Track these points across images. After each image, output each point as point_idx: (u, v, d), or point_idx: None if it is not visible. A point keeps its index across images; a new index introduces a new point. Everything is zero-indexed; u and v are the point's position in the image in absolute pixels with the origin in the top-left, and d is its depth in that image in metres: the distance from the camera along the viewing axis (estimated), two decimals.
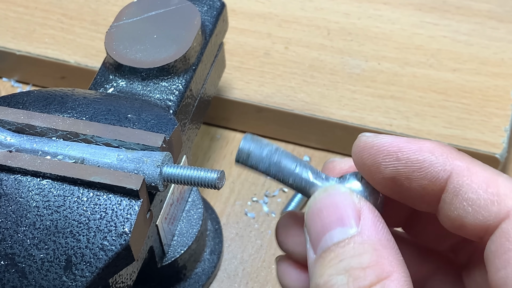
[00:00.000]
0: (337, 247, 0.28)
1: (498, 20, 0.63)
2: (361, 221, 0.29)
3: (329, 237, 0.29)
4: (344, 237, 0.28)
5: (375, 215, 0.29)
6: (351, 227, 0.29)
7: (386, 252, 0.28)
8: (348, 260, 0.28)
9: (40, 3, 0.65)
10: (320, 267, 0.29)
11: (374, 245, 0.28)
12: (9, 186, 0.36)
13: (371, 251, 0.28)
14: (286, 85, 0.59)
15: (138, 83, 0.45)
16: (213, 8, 0.50)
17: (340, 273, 0.28)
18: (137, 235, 0.35)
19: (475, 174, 0.29)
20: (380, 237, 0.28)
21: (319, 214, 0.30)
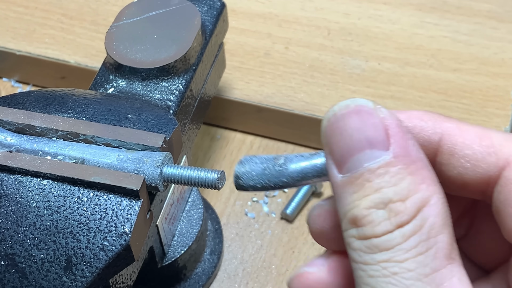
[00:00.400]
0: (370, 173, 0.27)
1: (498, 20, 0.63)
2: (392, 141, 0.27)
3: (358, 160, 0.27)
4: (376, 161, 0.27)
5: (404, 131, 0.27)
6: (382, 149, 0.27)
7: (421, 174, 0.27)
8: (386, 191, 0.26)
9: (40, 3, 0.65)
10: (352, 194, 0.27)
11: (409, 168, 0.27)
12: (9, 186, 0.36)
13: (408, 178, 0.27)
14: (286, 85, 0.59)
15: (138, 83, 0.45)
16: (213, 8, 0.50)
17: (380, 207, 0.26)
18: (137, 235, 0.35)
19: (466, 132, 0.29)
20: (413, 158, 0.27)
21: (342, 132, 0.28)
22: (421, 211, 0.26)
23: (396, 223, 0.26)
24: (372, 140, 0.27)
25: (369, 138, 0.27)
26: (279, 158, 0.32)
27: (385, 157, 0.27)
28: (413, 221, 0.26)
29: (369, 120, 0.27)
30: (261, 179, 0.32)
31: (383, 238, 0.26)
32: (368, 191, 0.27)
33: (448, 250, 0.26)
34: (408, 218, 0.26)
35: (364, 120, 0.28)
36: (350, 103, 0.28)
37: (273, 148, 0.60)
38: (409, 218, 0.26)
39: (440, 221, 0.26)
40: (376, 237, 0.26)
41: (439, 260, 0.26)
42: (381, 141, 0.27)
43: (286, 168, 0.32)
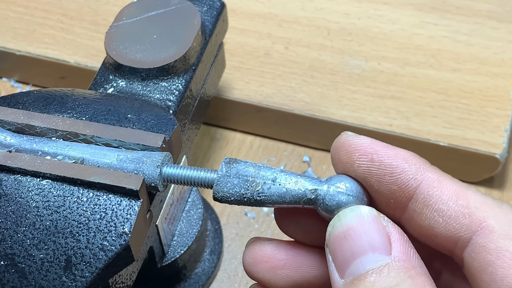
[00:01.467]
0: (372, 275, 0.28)
1: (498, 20, 0.63)
2: (393, 246, 0.28)
3: (361, 263, 0.28)
4: (378, 264, 0.28)
5: (404, 240, 0.29)
6: (384, 253, 0.28)
7: (421, 280, 0.28)
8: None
9: (40, 3, 0.65)
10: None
11: (409, 272, 0.28)
12: (9, 186, 0.36)
13: (407, 280, 0.27)
14: (286, 85, 0.59)
15: (138, 83, 0.45)
16: (213, 8, 0.50)
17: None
18: (137, 235, 0.35)
19: (445, 186, 0.30)
20: (414, 263, 0.28)
21: (346, 238, 0.29)
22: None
23: None
24: (374, 245, 0.28)
25: (372, 243, 0.28)
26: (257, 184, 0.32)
27: (387, 260, 0.28)
28: None
29: (371, 226, 0.29)
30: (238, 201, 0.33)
31: None
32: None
33: None
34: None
35: (367, 226, 0.29)
36: (355, 209, 0.29)
37: (273, 148, 0.60)
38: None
39: None
40: None
41: None
42: (383, 246, 0.28)
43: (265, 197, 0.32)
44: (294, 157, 0.59)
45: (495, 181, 0.57)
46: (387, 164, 0.30)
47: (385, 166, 0.30)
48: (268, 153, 0.60)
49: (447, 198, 0.29)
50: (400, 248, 0.28)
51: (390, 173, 0.30)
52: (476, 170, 0.55)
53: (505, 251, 0.28)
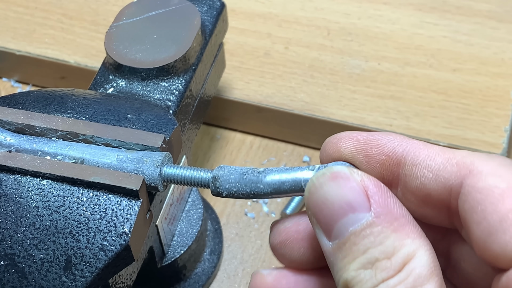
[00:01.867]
0: (355, 236, 0.28)
1: (498, 20, 0.63)
2: (372, 201, 0.28)
3: (342, 225, 0.28)
4: (359, 224, 0.28)
5: (382, 191, 0.28)
6: (363, 211, 0.28)
7: (405, 230, 0.27)
8: (372, 251, 0.27)
9: (40, 3, 0.65)
10: (342, 259, 0.28)
11: (392, 226, 0.27)
12: (9, 186, 0.36)
13: (392, 236, 0.27)
14: (286, 85, 0.59)
15: (138, 83, 0.45)
16: (213, 8, 0.50)
17: (367, 267, 0.27)
18: (137, 235, 0.35)
19: (430, 147, 0.30)
20: (396, 215, 0.28)
21: (324, 202, 0.29)
22: (406, 264, 0.27)
23: (382, 278, 0.27)
24: (352, 204, 0.28)
25: (350, 202, 0.28)
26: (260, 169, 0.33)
27: (367, 218, 0.28)
28: (398, 274, 0.27)
29: (346, 185, 0.28)
30: (238, 183, 0.33)
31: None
32: (355, 254, 0.28)
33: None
34: (393, 273, 0.27)
35: (342, 186, 0.29)
36: (326, 172, 0.29)
37: (273, 148, 0.60)
38: (394, 273, 0.27)
39: (427, 271, 0.27)
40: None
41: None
42: (362, 203, 0.28)
43: (265, 176, 0.32)
44: (294, 157, 0.59)
45: None
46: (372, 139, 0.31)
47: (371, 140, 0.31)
48: (268, 153, 0.60)
49: (434, 153, 0.29)
50: (379, 202, 0.28)
51: (376, 145, 0.30)
52: None
53: (494, 187, 0.27)
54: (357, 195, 0.28)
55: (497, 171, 0.28)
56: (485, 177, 0.28)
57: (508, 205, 0.27)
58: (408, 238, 0.27)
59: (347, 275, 0.28)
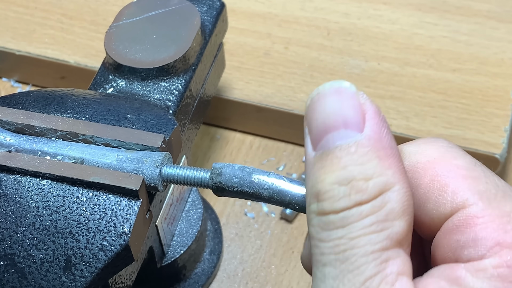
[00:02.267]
0: (340, 151, 0.28)
1: (498, 20, 0.63)
2: (366, 125, 0.28)
3: (332, 138, 0.28)
4: (348, 141, 0.28)
5: (380, 119, 0.28)
6: (355, 130, 0.28)
7: (389, 161, 0.28)
8: (351, 169, 0.27)
9: (40, 3, 0.65)
10: (319, 170, 0.28)
11: (378, 152, 0.27)
12: (8, 186, 0.36)
13: (375, 160, 0.27)
14: (286, 85, 0.59)
15: (137, 83, 0.45)
16: (213, 8, 0.50)
17: (342, 183, 0.27)
18: (136, 235, 0.35)
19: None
20: (384, 144, 0.28)
21: (322, 110, 0.29)
22: (382, 194, 0.27)
23: (355, 200, 0.27)
24: (348, 121, 0.28)
25: (345, 118, 0.28)
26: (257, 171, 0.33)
27: (357, 137, 0.28)
28: (372, 201, 0.27)
29: (348, 102, 0.28)
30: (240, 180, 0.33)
31: (340, 215, 0.27)
32: (335, 167, 0.27)
33: (402, 236, 0.27)
34: (368, 198, 0.27)
35: (344, 101, 0.28)
36: (334, 84, 0.29)
37: (273, 148, 0.60)
38: (369, 198, 0.27)
39: (400, 208, 0.27)
40: (334, 213, 0.27)
41: (389, 240, 0.27)
42: (356, 123, 0.28)
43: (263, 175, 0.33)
44: (294, 157, 0.59)
45: None
46: None
47: None
48: (268, 153, 0.60)
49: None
50: (373, 127, 0.28)
51: None
52: None
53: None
54: (354, 113, 0.28)
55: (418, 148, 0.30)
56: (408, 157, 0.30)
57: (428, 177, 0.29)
58: (390, 169, 0.27)
59: (321, 186, 0.28)
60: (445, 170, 0.29)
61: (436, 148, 0.30)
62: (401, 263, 0.27)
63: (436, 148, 0.30)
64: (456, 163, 0.29)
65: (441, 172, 0.29)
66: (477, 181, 0.28)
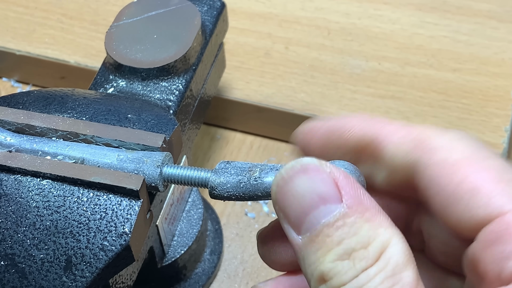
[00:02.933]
0: (328, 228, 0.27)
1: (498, 20, 0.63)
2: (343, 193, 0.28)
3: (314, 218, 0.27)
4: (332, 216, 0.27)
5: (352, 182, 0.28)
6: (335, 203, 0.27)
7: (378, 220, 0.27)
8: (347, 242, 0.27)
9: (40, 3, 0.65)
10: (315, 252, 0.28)
11: (364, 216, 0.27)
12: (9, 186, 0.36)
13: (366, 225, 0.27)
14: (286, 85, 0.59)
15: (138, 83, 0.45)
16: (213, 8, 0.50)
17: (344, 258, 0.27)
18: (137, 235, 0.35)
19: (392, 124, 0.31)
20: (367, 205, 0.28)
21: (294, 195, 0.28)
22: (383, 253, 0.27)
23: (361, 268, 0.27)
24: (324, 196, 0.28)
25: (321, 194, 0.28)
26: (255, 170, 0.32)
27: (340, 210, 0.27)
28: (377, 263, 0.27)
29: (317, 177, 0.28)
30: (236, 192, 0.32)
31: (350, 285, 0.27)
32: (330, 245, 0.27)
33: (414, 284, 0.27)
34: (372, 262, 0.27)
35: (313, 178, 0.28)
36: (295, 164, 0.29)
37: (273, 148, 0.60)
38: (373, 262, 0.27)
39: (403, 258, 0.27)
40: (344, 285, 0.27)
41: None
42: (333, 195, 0.28)
43: (262, 182, 0.32)
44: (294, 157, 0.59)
45: None
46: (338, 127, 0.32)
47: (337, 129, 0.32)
48: (268, 153, 0.60)
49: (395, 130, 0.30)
50: (350, 193, 0.28)
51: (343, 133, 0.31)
52: None
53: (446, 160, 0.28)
54: (328, 186, 0.28)
55: (449, 144, 0.29)
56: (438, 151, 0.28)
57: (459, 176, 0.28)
58: (381, 227, 0.27)
59: (323, 267, 0.27)
60: (476, 171, 0.28)
61: (467, 146, 0.29)
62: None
63: (468, 146, 0.29)
64: (488, 164, 0.28)
65: (472, 173, 0.28)
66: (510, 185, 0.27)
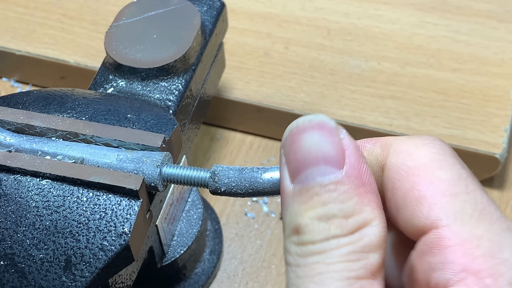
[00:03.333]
0: (320, 187, 0.28)
1: (498, 20, 0.63)
2: (346, 161, 0.28)
3: (311, 173, 0.28)
4: (328, 178, 0.28)
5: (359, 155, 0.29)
6: (335, 167, 0.28)
7: (368, 198, 0.28)
8: (331, 206, 0.28)
9: (40, 3, 0.65)
10: (299, 204, 0.28)
11: (357, 190, 0.28)
12: (8, 186, 0.36)
13: (354, 198, 0.28)
14: (286, 85, 0.59)
15: (137, 83, 0.45)
16: (213, 8, 0.50)
17: (322, 220, 0.28)
18: (136, 235, 0.35)
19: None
20: (364, 181, 0.28)
21: (302, 144, 0.29)
22: (361, 229, 0.28)
23: (335, 234, 0.28)
24: (328, 157, 0.28)
25: (326, 155, 0.28)
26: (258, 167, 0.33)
27: (337, 175, 0.28)
28: (351, 235, 0.28)
29: (328, 138, 0.29)
30: (237, 178, 0.33)
31: (318, 245, 0.28)
32: (315, 204, 0.28)
33: (376, 268, 0.28)
34: (346, 233, 0.28)
35: (324, 137, 0.29)
36: (314, 118, 0.29)
37: (273, 148, 0.60)
38: (347, 233, 0.28)
39: (377, 242, 0.28)
40: (313, 244, 0.28)
41: (365, 270, 0.27)
42: (336, 160, 0.28)
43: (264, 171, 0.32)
44: None
45: (495, 181, 0.57)
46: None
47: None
48: (268, 153, 0.60)
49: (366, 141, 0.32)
50: (353, 164, 0.28)
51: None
52: (476, 170, 0.55)
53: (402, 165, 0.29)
54: (335, 150, 0.28)
55: (411, 149, 0.30)
56: (399, 154, 0.30)
57: (410, 183, 0.29)
58: (369, 206, 0.28)
59: (301, 221, 0.28)
60: (426, 181, 0.29)
61: (425, 154, 0.30)
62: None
63: (426, 153, 0.30)
64: (440, 175, 0.29)
65: (423, 182, 0.29)
66: (455, 199, 0.28)
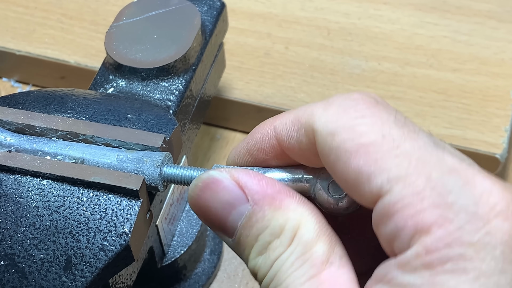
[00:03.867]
0: (244, 229, 0.29)
1: (498, 20, 0.63)
2: (246, 192, 0.29)
3: (233, 222, 0.29)
4: (244, 217, 0.29)
5: (253, 175, 0.30)
6: (243, 204, 0.29)
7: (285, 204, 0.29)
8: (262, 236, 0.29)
9: (40, 3, 0.65)
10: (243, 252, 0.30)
11: (273, 206, 0.29)
12: (9, 186, 0.36)
13: (275, 214, 0.29)
14: (286, 85, 0.59)
15: (138, 83, 0.45)
16: (213, 8, 0.50)
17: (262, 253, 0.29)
18: (137, 235, 0.35)
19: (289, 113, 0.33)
20: (272, 194, 0.29)
21: (208, 210, 0.30)
22: (296, 236, 0.28)
23: (275, 257, 0.28)
24: (231, 202, 0.29)
25: (228, 201, 0.30)
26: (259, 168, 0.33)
27: (248, 209, 0.29)
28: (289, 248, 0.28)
29: (219, 187, 0.30)
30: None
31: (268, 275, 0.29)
32: (250, 243, 0.29)
33: (325, 257, 0.28)
34: (284, 248, 0.28)
35: (216, 190, 0.30)
36: (197, 182, 0.31)
37: None
38: (285, 248, 0.28)
39: (314, 234, 0.28)
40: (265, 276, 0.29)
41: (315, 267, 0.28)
42: (239, 197, 0.29)
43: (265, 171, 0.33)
44: None
45: None
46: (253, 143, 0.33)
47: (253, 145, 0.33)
48: None
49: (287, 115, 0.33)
50: (253, 188, 0.29)
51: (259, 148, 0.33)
52: None
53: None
54: (231, 192, 0.29)
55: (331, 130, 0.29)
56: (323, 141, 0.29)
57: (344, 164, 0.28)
58: (290, 211, 0.29)
59: (250, 265, 0.29)
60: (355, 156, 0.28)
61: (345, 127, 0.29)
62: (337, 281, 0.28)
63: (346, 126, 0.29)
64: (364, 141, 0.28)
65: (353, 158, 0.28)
66: (386, 160, 0.27)
